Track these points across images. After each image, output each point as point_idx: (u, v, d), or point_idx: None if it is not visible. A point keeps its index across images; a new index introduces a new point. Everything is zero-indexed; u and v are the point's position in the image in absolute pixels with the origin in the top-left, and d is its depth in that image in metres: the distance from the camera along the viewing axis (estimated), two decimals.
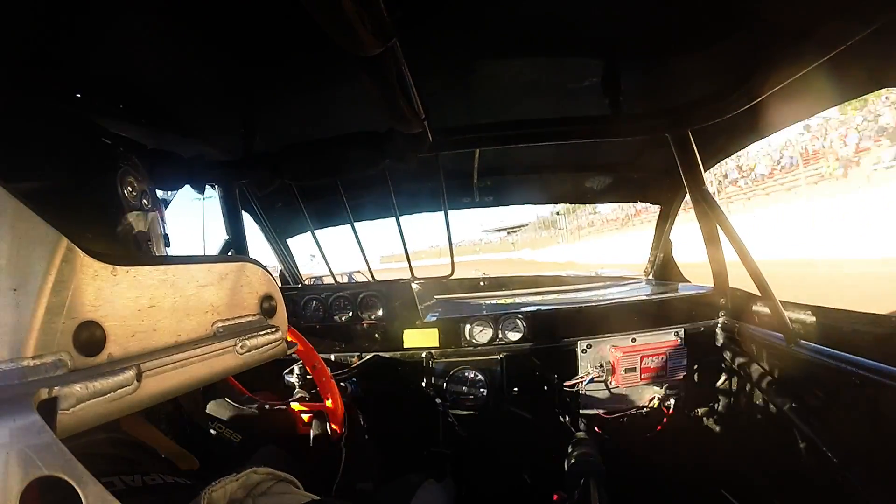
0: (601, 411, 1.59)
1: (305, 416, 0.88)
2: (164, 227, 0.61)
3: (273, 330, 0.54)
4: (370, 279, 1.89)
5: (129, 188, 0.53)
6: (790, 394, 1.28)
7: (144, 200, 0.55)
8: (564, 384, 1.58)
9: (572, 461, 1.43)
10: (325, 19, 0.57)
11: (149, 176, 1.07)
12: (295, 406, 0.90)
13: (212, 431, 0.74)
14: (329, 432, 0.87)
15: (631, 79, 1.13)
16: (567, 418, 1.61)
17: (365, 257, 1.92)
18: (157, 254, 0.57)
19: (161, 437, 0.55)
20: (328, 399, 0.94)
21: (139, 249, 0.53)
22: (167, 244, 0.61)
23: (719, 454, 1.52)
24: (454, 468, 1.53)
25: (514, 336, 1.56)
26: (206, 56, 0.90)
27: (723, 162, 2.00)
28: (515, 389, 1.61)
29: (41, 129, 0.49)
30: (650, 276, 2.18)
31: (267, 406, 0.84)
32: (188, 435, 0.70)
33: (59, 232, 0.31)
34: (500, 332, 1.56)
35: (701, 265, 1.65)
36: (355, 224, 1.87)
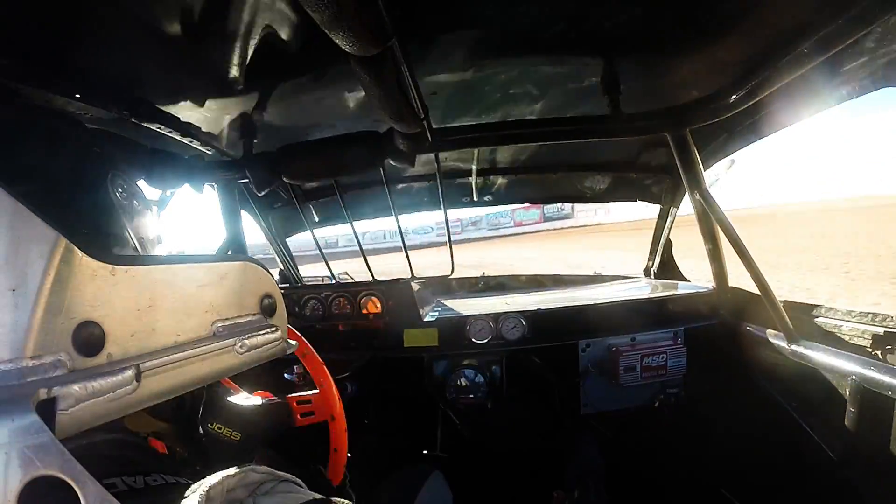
0: (601, 411, 1.59)
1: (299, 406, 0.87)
2: (157, 226, 0.61)
3: (273, 329, 0.54)
4: (370, 279, 1.89)
5: (121, 189, 0.53)
6: (790, 393, 1.28)
7: (136, 201, 0.55)
8: (564, 384, 1.58)
9: (572, 461, 1.44)
10: (324, 18, 0.57)
11: (143, 176, 1.06)
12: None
13: (210, 429, 0.74)
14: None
15: (630, 78, 1.13)
16: (567, 418, 1.61)
17: (364, 257, 1.92)
18: (152, 253, 0.57)
19: (154, 421, 0.56)
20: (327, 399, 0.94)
21: (134, 250, 0.54)
22: (160, 242, 0.61)
23: (719, 454, 1.52)
24: (454, 467, 1.54)
25: (514, 336, 1.56)
26: (204, 56, 0.90)
27: None
28: (516, 389, 1.61)
29: (33, 132, 0.50)
30: (650, 276, 2.18)
31: (263, 401, 0.83)
32: (187, 429, 0.70)
33: (58, 231, 0.31)
34: (500, 331, 1.56)
35: None
36: (354, 224, 1.88)
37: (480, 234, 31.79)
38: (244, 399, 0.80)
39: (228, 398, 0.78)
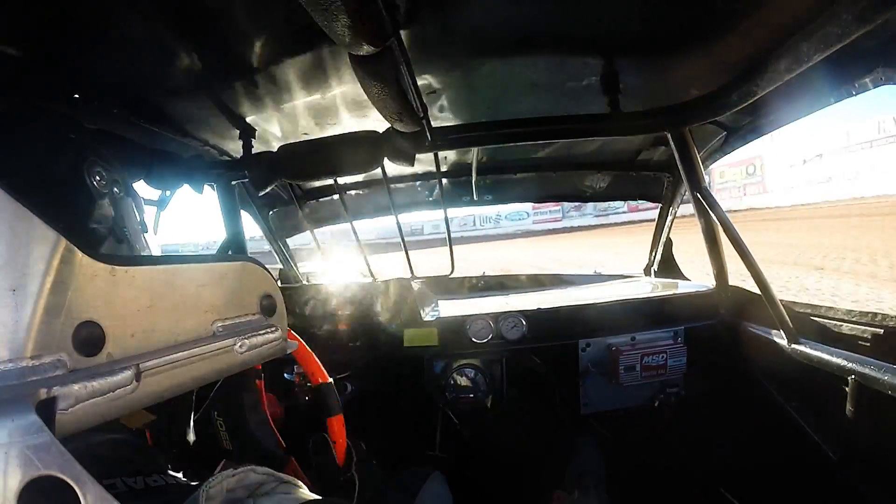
0: (601, 410, 1.59)
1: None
2: (140, 214, 0.60)
3: (272, 329, 0.54)
4: (371, 279, 1.89)
5: (98, 177, 0.52)
6: (790, 393, 1.28)
7: (115, 189, 0.55)
8: (564, 383, 1.58)
9: (572, 461, 1.44)
10: (324, 18, 0.57)
11: (143, 175, 1.05)
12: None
13: (215, 421, 0.72)
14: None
15: (630, 77, 1.13)
16: (567, 418, 1.61)
17: (364, 256, 1.92)
18: (133, 242, 0.57)
19: (147, 414, 0.56)
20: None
21: (114, 238, 0.53)
22: (144, 230, 0.60)
23: (719, 453, 1.52)
24: (454, 468, 1.54)
25: (513, 335, 1.56)
26: (204, 55, 0.90)
27: None
28: (515, 389, 1.61)
29: (10, 128, 0.50)
30: (650, 275, 2.18)
31: (271, 443, 0.79)
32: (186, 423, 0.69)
33: (58, 232, 0.31)
34: (499, 331, 1.56)
35: None
36: (354, 223, 1.88)
37: (585, 221, 25.46)
38: (259, 421, 0.76)
39: (251, 411, 0.74)
